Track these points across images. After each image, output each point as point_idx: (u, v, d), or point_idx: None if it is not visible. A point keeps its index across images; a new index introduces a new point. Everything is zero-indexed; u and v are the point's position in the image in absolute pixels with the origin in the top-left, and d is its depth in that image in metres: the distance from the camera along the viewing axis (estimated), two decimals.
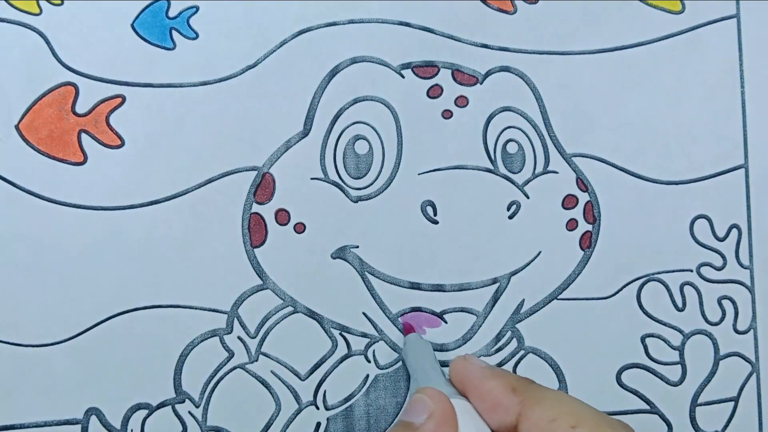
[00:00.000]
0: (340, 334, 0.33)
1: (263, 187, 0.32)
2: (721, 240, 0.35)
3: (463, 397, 0.29)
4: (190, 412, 0.32)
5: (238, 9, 0.32)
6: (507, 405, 0.27)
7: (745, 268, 0.35)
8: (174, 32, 0.32)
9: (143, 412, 0.31)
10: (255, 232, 0.32)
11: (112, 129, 0.31)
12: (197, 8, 0.32)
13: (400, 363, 0.33)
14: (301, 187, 0.32)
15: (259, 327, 0.32)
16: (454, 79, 0.34)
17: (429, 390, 0.28)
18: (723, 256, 0.35)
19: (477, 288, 0.34)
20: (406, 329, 0.33)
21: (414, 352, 0.32)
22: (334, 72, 0.33)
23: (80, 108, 0.31)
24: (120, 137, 0.31)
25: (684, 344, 0.35)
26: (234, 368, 0.32)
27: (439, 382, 0.29)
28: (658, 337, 0.35)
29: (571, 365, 0.34)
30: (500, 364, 0.34)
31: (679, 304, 0.35)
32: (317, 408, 0.33)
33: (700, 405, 0.35)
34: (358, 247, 0.33)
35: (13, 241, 0.31)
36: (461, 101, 0.34)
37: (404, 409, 0.28)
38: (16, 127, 0.31)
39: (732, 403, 0.35)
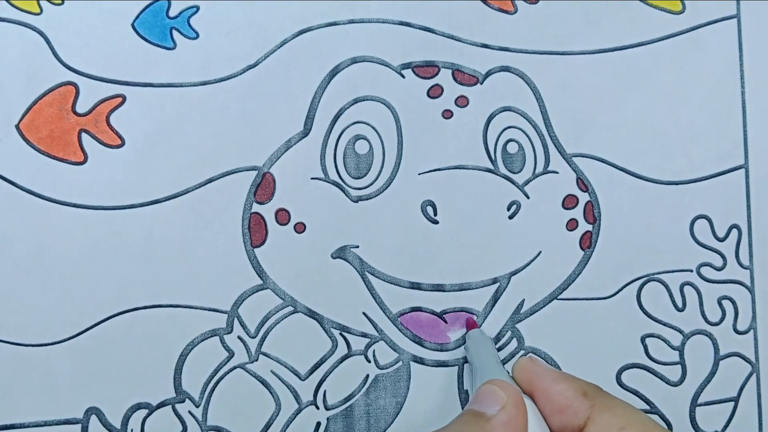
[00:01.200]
0: (340, 334, 0.33)
1: (263, 186, 0.32)
2: (721, 240, 0.35)
3: (528, 396, 0.29)
4: (190, 412, 0.32)
5: (238, 9, 0.32)
6: (577, 408, 0.28)
7: (745, 269, 0.35)
8: (174, 32, 0.32)
9: (143, 412, 0.31)
10: (255, 231, 0.32)
11: (112, 129, 0.31)
12: (198, 8, 0.32)
13: (400, 363, 0.33)
14: (301, 187, 0.32)
15: (259, 327, 0.32)
16: (455, 79, 0.34)
17: (500, 382, 0.28)
18: (723, 257, 0.35)
19: (477, 288, 0.34)
20: (469, 325, 0.33)
21: (477, 347, 0.32)
22: (334, 72, 0.33)
23: (80, 107, 0.31)
24: (120, 137, 0.31)
25: (684, 344, 0.35)
26: (234, 368, 0.32)
27: (505, 378, 0.29)
28: (658, 337, 0.35)
29: (571, 365, 0.34)
30: None
31: (679, 304, 0.35)
32: (317, 408, 0.33)
33: (700, 405, 0.35)
34: (358, 246, 0.33)
35: (13, 241, 0.31)
36: (461, 101, 0.34)
37: (473, 399, 0.28)
38: (17, 126, 0.31)
39: (732, 403, 0.35)
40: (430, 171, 0.33)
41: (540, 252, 0.34)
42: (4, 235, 0.31)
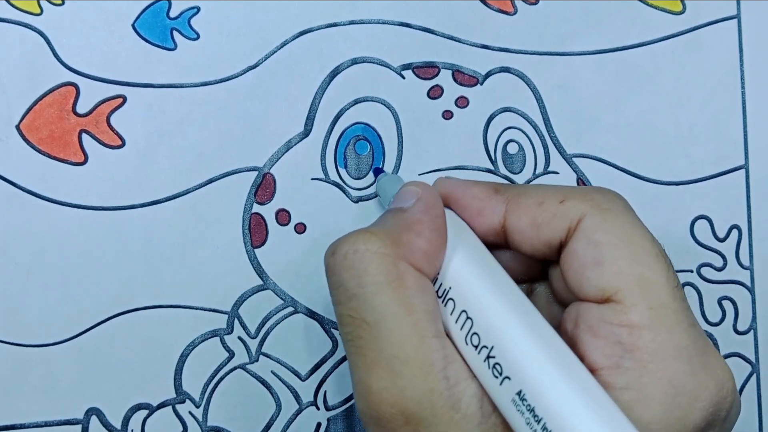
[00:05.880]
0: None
1: (264, 187, 0.32)
2: (722, 240, 0.35)
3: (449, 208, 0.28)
4: (190, 412, 0.32)
5: (239, 10, 0.32)
6: (492, 206, 0.27)
7: (746, 269, 0.35)
8: (175, 33, 0.32)
9: (144, 412, 0.31)
10: (255, 232, 0.32)
11: (112, 129, 0.31)
12: (198, 9, 0.32)
13: None
14: (301, 188, 0.32)
15: (260, 327, 0.32)
16: (455, 79, 0.34)
17: (414, 182, 0.28)
18: (723, 257, 0.35)
19: None
20: (377, 173, 0.33)
21: (388, 187, 0.31)
22: (334, 73, 0.33)
23: (81, 108, 0.31)
24: (121, 137, 0.31)
25: None
26: (234, 368, 0.32)
27: None
28: None
29: None
30: None
31: None
32: (318, 408, 0.33)
33: None
34: None
35: (13, 241, 0.31)
36: (462, 102, 0.34)
37: (392, 202, 0.28)
38: (17, 127, 0.31)
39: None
40: (431, 171, 0.33)
41: None
42: (4, 235, 0.31)
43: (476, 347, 0.24)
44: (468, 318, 0.24)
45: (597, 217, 0.25)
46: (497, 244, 0.27)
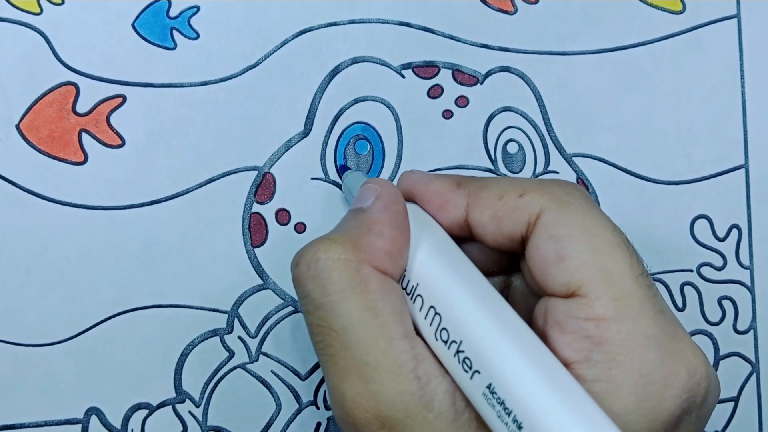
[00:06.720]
0: None
1: (264, 186, 0.32)
2: (722, 240, 0.35)
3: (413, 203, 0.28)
4: (190, 412, 0.32)
5: (239, 9, 0.32)
6: (454, 200, 0.27)
7: (745, 268, 0.35)
8: (175, 32, 0.32)
9: (143, 412, 0.31)
10: (255, 231, 0.32)
11: (112, 129, 0.31)
12: (198, 8, 0.32)
13: None
14: (301, 187, 0.32)
15: (260, 327, 0.32)
16: (455, 79, 0.34)
17: (374, 179, 0.28)
18: (723, 256, 0.35)
19: None
20: (342, 171, 0.32)
21: (352, 184, 0.31)
22: (334, 72, 0.33)
23: (81, 108, 0.31)
24: (120, 137, 0.31)
25: None
26: (234, 368, 0.32)
27: None
28: None
29: None
30: None
31: (680, 304, 0.35)
32: (317, 408, 0.33)
33: None
34: None
35: (13, 241, 0.31)
36: (462, 101, 0.34)
37: (354, 201, 0.28)
38: (17, 126, 0.31)
39: (732, 403, 0.35)
40: (430, 171, 0.33)
41: None
42: (4, 235, 0.31)
43: (446, 342, 0.24)
44: (436, 313, 0.24)
45: (556, 211, 0.25)
46: (464, 236, 0.27)
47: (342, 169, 0.32)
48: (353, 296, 0.24)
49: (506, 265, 0.28)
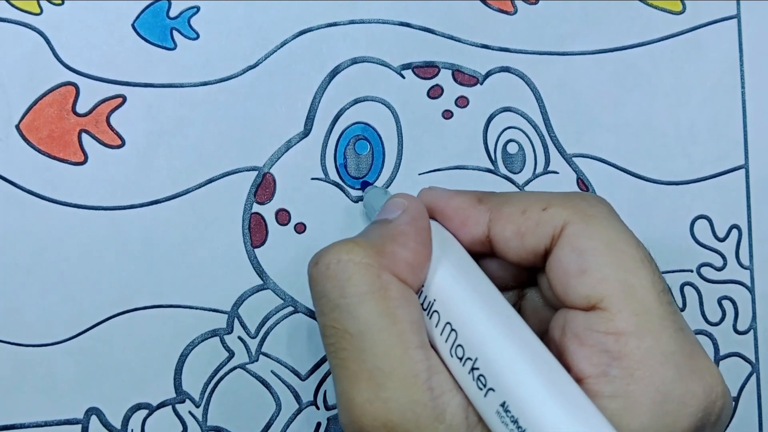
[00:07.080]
0: None
1: (264, 187, 0.32)
2: (722, 240, 0.35)
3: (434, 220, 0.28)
4: (190, 412, 0.32)
5: (239, 9, 0.32)
6: (476, 216, 0.27)
7: (745, 269, 0.35)
8: (175, 32, 0.32)
9: (143, 412, 0.31)
10: (255, 232, 0.32)
11: (112, 129, 0.31)
12: (198, 8, 0.32)
13: None
14: (301, 187, 0.32)
15: (260, 327, 0.32)
16: (455, 79, 0.34)
17: (401, 194, 0.28)
18: (723, 257, 0.35)
19: None
20: (364, 186, 0.32)
21: (375, 200, 0.31)
22: (334, 72, 0.33)
23: (81, 108, 0.31)
24: (120, 137, 0.31)
25: None
26: (234, 368, 0.32)
27: None
28: None
29: None
30: None
31: (680, 304, 0.35)
32: (317, 408, 0.33)
33: None
34: None
35: (13, 241, 0.31)
36: (462, 101, 0.34)
37: (378, 213, 0.27)
38: (17, 126, 0.31)
39: (732, 404, 0.35)
40: (431, 171, 0.33)
41: None
42: (4, 235, 0.31)
43: (461, 359, 0.24)
44: (452, 330, 0.24)
45: (580, 224, 0.25)
46: (484, 252, 0.27)
47: (364, 185, 0.33)
48: (372, 300, 0.24)
49: (524, 280, 0.28)
